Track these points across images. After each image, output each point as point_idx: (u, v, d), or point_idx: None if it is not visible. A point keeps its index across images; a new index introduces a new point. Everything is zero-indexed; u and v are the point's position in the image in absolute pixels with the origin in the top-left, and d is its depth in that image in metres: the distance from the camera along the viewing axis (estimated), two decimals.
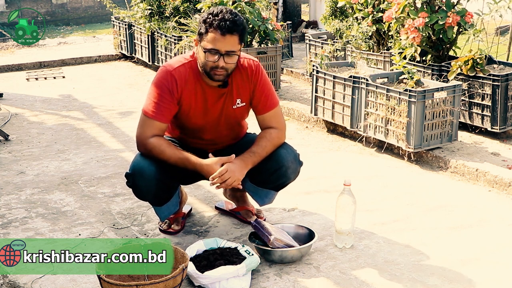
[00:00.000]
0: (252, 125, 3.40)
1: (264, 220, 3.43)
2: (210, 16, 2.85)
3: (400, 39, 5.07)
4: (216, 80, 2.93)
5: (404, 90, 4.33)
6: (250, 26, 5.85)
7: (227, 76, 2.94)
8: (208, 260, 2.84)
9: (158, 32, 7.42)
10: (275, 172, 3.08)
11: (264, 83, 3.08)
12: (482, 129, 4.78)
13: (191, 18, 6.79)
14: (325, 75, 5.05)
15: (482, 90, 4.65)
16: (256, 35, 6.05)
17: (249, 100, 3.10)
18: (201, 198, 3.84)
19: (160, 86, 2.95)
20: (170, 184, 3.05)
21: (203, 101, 3.02)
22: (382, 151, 4.65)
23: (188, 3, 7.09)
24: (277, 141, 3.10)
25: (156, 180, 2.94)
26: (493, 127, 4.64)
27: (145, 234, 3.35)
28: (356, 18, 5.87)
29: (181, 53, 6.68)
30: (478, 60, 4.64)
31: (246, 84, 3.05)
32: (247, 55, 3.12)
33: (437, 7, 4.84)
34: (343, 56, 6.17)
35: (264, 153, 3.04)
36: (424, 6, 4.82)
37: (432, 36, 4.90)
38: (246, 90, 3.06)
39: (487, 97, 4.63)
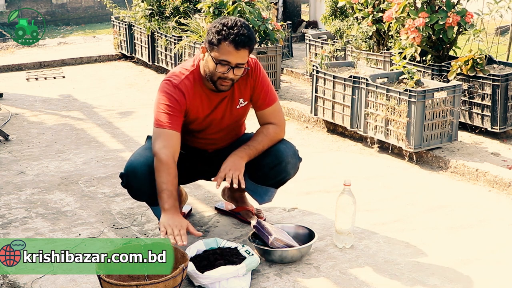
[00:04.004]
0: (251, 125, 3.41)
1: (264, 220, 3.43)
2: (225, 28, 2.81)
3: (400, 39, 5.07)
4: (221, 90, 2.94)
5: (404, 90, 4.33)
6: (250, 26, 5.84)
7: (231, 86, 2.95)
8: (208, 260, 2.84)
9: (158, 32, 7.42)
10: (274, 167, 3.08)
11: (263, 79, 3.10)
12: (482, 129, 4.78)
13: (191, 18, 6.80)
14: (325, 75, 5.05)
15: (482, 90, 4.65)
16: (256, 35, 6.05)
17: (250, 97, 3.11)
18: (201, 198, 3.84)
19: (169, 98, 2.91)
20: None
21: (207, 106, 3.03)
22: (382, 151, 4.65)
23: (188, 3, 7.09)
24: (274, 136, 3.10)
25: (150, 180, 2.93)
26: (493, 127, 4.64)
27: (145, 234, 3.35)
28: (356, 18, 5.87)
29: (181, 53, 6.70)
30: (478, 60, 4.64)
31: (247, 81, 3.06)
32: None
33: (437, 7, 4.85)
34: (343, 56, 6.17)
35: (260, 147, 3.05)
36: (424, 6, 4.82)
37: (432, 36, 4.90)
38: (247, 88, 3.07)
39: (487, 97, 4.63)
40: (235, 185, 2.93)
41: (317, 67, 5.13)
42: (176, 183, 2.86)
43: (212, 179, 3.05)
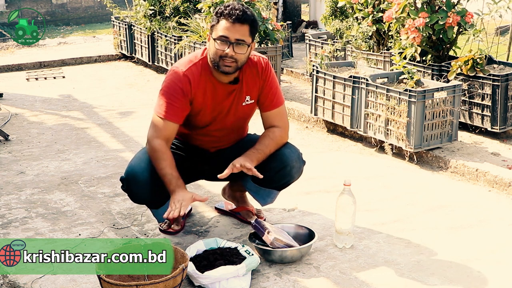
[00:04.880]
0: (252, 125, 3.41)
1: (264, 220, 3.43)
2: (222, 7, 2.92)
3: (400, 39, 5.07)
4: (225, 71, 2.92)
5: (404, 90, 4.33)
6: None
7: (236, 69, 2.94)
8: (208, 260, 2.84)
9: (158, 32, 7.42)
10: (279, 171, 3.08)
11: (272, 80, 3.11)
12: (482, 129, 4.78)
13: (191, 18, 6.80)
14: (325, 75, 5.05)
15: (482, 90, 4.65)
16: (256, 35, 6.04)
17: (257, 97, 3.11)
18: None
19: (173, 87, 2.94)
20: (165, 188, 3.03)
21: (213, 98, 3.03)
22: (382, 151, 4.65)
23: (188, 3, 7.09)
24: (280, 140, 3.11)
25: (150, 185, 2.94)
26: (493, 127, 4.64)
27: (145, 234, 3.35)
28: (356, 18, 5.87)
29: (181, 53, 6.70)
30: (478, 60, 4.64)
31: (256, 80, 3.07)
32: (256, 52, 3.15)
33: (437, 7, 4.85)
34: (343, 56, 6.17)
35: (268, 151, 3.05)
36: (425, 6, 4.82)
37: (432, 36, 4.90)
38: (256, 86, 3.08)
39: (487, 97, 4.63)
40: (256, 173, 2.91)
41: (317, 67, 5.13)
42: (174, 164, 2.93)
43: (219, 175, 2.99)
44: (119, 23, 8.59)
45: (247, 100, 3.09)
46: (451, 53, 5.15)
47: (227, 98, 3.05)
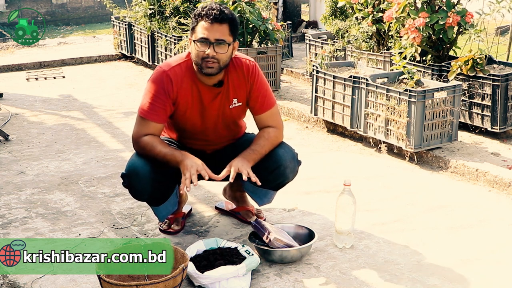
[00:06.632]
0: (250, 125, 3.40)
1: (264, 220, 3.43)
2: (199, 9, 2.93)
3: (400, 39, 5.07)
4: (208, 73, 2.92)
5: (404, 90, 4.33)
6: (250, 26, 5.85)
7: (219, 69, 2.93)
8: (208, 260, 2.84)
9: (158, 32, 7.42)
10: (273, 171, 3.08)
11: (260, 83, 3.08)
12: (482, 129, 4.78)
13: (191, 18, 6.80)
14: (325, 75, 5.05)
15: (482, 90, 4.65)
16: (256, 35, 6.05)
17: (246, 100, 3.10)
18: (201, 198, 3.84)
19: (155, 87, 2.96)
20: (166, 184, 3.03)
21: (199, 101, 3.02)
22: (382, 151, 4.65)
23: (188, 3, 7.09)
24: (275, 140, 3.10)
25: (151, 180, 2.94)
26: (493, 127, 4.64)
27: (145, 234, 3.35)
28: (356, 18, 5.87)
29: (181, 53, 6.70)
30: (478, 60, 4.64)
31: (243, 84, 3.05)
32: (244, 55, 3.13)
33: (437, 7, 4.85)
34: (343, 56, 6.17)
35: (263, 151, 3.05)
36: (425, 6, 4.83)
37: (432, 36, 4.90)
38: (243, 90, 3.07)
39: (487, 97, 4.63)
40: (253, 179, 2.89)
41: (317, 67, 5.13)
42: (168, 144, 2.98)
43: (218, 176, 2.97)
44: (119, 23, 8.59)
45: (234, 103, 3.08)
46: (451, 53, 5.16)
47: (214, 101, 3.04)
